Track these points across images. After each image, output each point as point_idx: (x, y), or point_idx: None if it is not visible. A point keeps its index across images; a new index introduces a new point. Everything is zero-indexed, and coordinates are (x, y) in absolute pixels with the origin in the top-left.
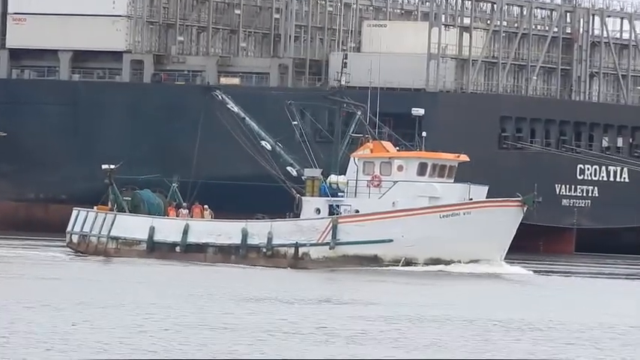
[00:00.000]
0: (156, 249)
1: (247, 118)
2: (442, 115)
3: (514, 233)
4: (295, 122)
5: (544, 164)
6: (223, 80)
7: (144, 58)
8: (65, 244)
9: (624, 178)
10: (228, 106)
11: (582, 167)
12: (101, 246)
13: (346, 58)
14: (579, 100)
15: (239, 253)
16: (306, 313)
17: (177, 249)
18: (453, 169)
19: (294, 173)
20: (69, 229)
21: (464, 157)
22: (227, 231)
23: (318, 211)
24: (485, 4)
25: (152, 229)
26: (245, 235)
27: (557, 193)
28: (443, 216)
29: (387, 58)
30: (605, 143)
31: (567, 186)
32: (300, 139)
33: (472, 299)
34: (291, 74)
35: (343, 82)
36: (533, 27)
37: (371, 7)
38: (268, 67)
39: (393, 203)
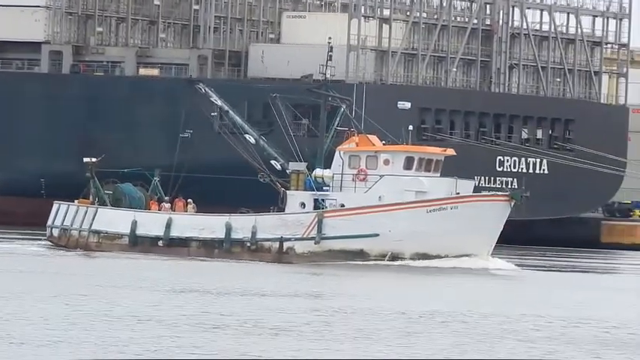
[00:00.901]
0: (138, 243)
1: (231, 111)
2: (362, 106)
3: (501, 228)
4: (213, 113)
5: (463, 156)
6: (142, 71)
7: (63, 48)
8: (45, 237)
9: (544, 170)
10: (211, 99)
11: (502, 159)
12: (82, 240)
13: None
14: (499, 92)
15: (223, 247)
16: (235, 306)
17: (160, 243)
18: (439, 163)
19: (279, 167)
20: (49, 222)
21: (450, 151)
22: (210, 225)
23: (303, 205)
24: None
25: (134, 223)
26: (229, 229)
27: (477, 184)
28: (430, 210)
29: (307, 50)
30: (524, 135)
31: (487, 178)
32: (218, 131)
33: (418, 292)
34: (210, 65)
35: (328, 76)
36: (453, 18)
37: None
38: (188, 58)
39: (380, 197)
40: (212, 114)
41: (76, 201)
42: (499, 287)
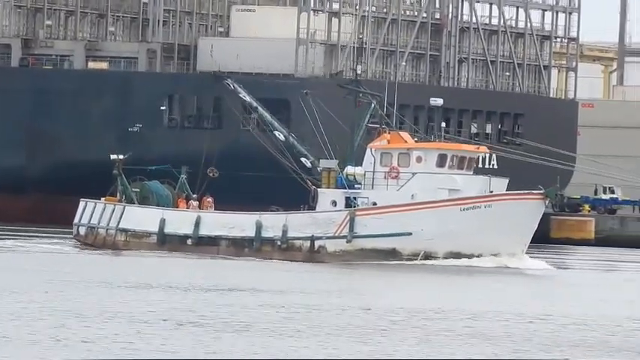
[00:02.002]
0: (167, 241)
1: (260, 108)
2: (311, 100)
3: (536, 227)
4: (163, 107)
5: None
6: (91, 65)
7: (11, 42)
8: (72, 236)
9: (493, 165)
10: (240, 95)
11: None
12: (110, 238)
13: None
14: (448, 86)
15: (253, 246)
16: (177, 300)
17: (189, 241)
18: (472, 160)
19: (308, 164)
20: (76, 220)
21: (483, 149)
22: (240, 223)
23: (334, 203)
24: None
25: (163, 221)
26: (259, 227)
27: None
28: (463, 209)
29: (256, 43)
30: (473, 129)
31: None
32: (168, 125)
33: (393, 289)
34: (159, 59)
35: (359, 72)
36: (402, 12)
37: None
38: (136, 52)
39: (412, 195)
40: (161, 107)
41: (102, 199)
42: (529, 287)
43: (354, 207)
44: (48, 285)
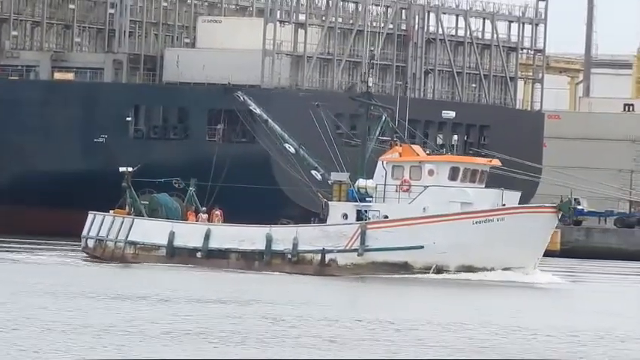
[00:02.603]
0: (176, 254)
1: (270, 120)
2: (277, 111)
3: (548, 240)
4: (129, 118)
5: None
6: (57, 75)
7: None
8: (80, 248)
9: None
10: (250, 107)
11: None
12: (118, 251)
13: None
14: (414, 97)
15: (263, 259)
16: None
17: (199, 254)
18: (484, 173)
19: (319, 177)
20: (84, 233)
21: (496, 162)
22: (250, 236)
23: (345, 216)
24: (320, 0)
25: (172, 234)
26: (269, 240)
27: None
28: (476, 222)
29: (222, 54)
30: (439, 140)
31: None
32: (134, 135)
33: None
34: (125, 70)
35: (370, 84)
36: (369, 23)
37: (206, 3)
38: (103, 63)
39: (424, 209)
40: (127, 118)
41: (111, 211)
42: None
43: (366, 220)
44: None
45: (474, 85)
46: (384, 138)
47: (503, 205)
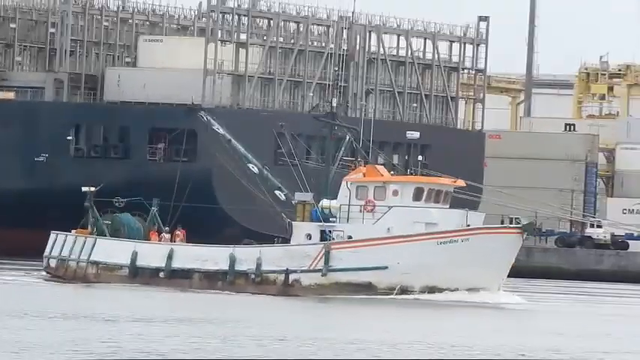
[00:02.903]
0: (139, 274)
1: (233, 140)
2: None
3: (512, 261)
4: (69, 137)
5: (320, 180)
6: None
7: None
8: (42, 268)
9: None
10: (214, 127)
11: None
12: (80, 271)
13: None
14: (355, 117)
15: (226, 280)
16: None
17: (162, 274)
18: (449, 194)
19: (282, 197)
20: (46, 252)
21: (460, 182)
22: (214, 256)
23: (309, 236)
24: (261, 20)
25: (135, 254)
26: (233, 260)
27: None
28: (440, 242)
29: (163, 74)
30: (380, 160)
31: None
32: (74, 154)
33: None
34: (66, 89)
35: (334, 104)
36: (310, 43)
37: (147, 22)
38: (43, 82)
39: (388, 229)
40: (67, 137)
41: (73, 231)
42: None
43: (330, 240)
44: None
45: (415, 105)
46: (348, 158)
47: (468, 225)
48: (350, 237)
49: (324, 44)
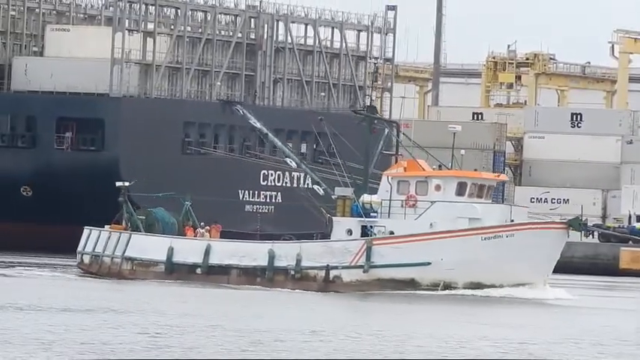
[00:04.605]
0: (175, 270)
1: (270, 135)
2: (125, 120)
3: (558, 257)
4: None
5: (227, 170)
6: None
7: None
8: (76, 264)
9: (308, 184)
10: (250, 121)
11: (266, 173)
12: (115, 267)
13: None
14: (263, 106)
15: (265, 276)
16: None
17: (199, 271)
18: (491, 188)
19: (321, 192)
20: (80, 248)
21: (503, 177)
22: (252, 252)
23: (349, 232)
24: (169, 9)
25: (171, 250)
26: (272, 256)
27: (241, 198)
28: (485, 238)
29: (70, 63)
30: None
31: (251, 192)
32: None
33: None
34: None
35: (374, 99)
36: (217, 32)
37: (54, 12)
38: None
39: (431, 224)
40: None
41: (107, 226)
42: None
43: (371, 236)
44: None
45: (323, 94)
46: (387, 152)
47: (512, 220)
48: (392, 232)
49: (231, 33)
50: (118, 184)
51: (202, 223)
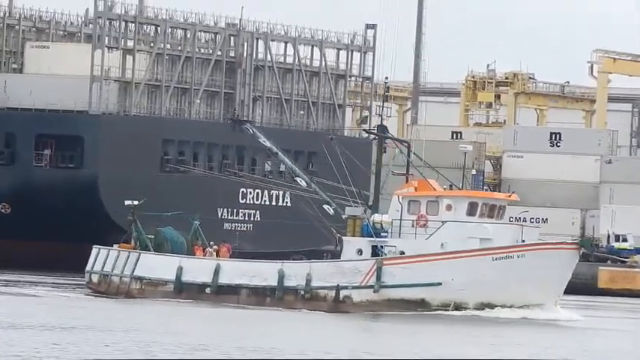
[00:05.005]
0: (184, 290)
1: (280, 154)
2: (105, 137)
3: (569, 277)
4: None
5: (206, 188)
6: None
7: None
8: (85, 283)
9: (286, 202)
10: (260, 140)
11: (244, 191)
12: (123, 286)
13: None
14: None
15: (275, 296)
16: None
17: (208, 290)
18: (503, 208)
19: (331, 211)
20: (88, 267)
21: (514, 197)
22: (262, 272)
23: (360, 252)
24: (148, 26)
25: (180, 269)
26: (282, 276)
27: (220, 216)
28: (496, 258)
29: (50, 80)
30: (267, 167)
31: (229, 210)
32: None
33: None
34: None
35: (384, 117)
36: (197, 50)
37: (34, 29)
38: None
39: (442, 244)
40: None
41: (116, 245)
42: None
43: (382, 256)
44: None
45: (302, 112)
46: (398, 172)
47: (523, 241)
48: (402, 252)
49: (211, 51)
50: (127, 202)
51: (212, 243)
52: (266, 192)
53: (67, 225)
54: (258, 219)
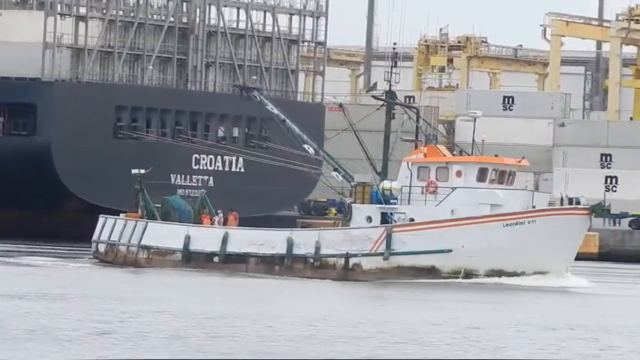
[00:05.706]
0: (192, 259)
1: (287, 121)
2: (57, 104)
3: (580, 243)
4: None
5: (160, 154)
6: None
7: None
8: (91, 253)
9: (240, 168)
10: (267, 107)
11: (198, 157)
12: (131, 256)
13: None
14: (195, 90)
15: (284, 264)
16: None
17: (216, 259)
18: (513, 174)
19: (340, 179)
20: (95, 237)
21: (525, 162)
22: (271, 240)
23: (369, 219)
24: None
25: (188, 238)
26: (291, 244)
27: (173, 182)
28: (506, 224)
29: (2, 47)
30: (221, 133)
31: (183, 176)
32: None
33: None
34: None
35: (394, 84)
36: (150, 16)
37: None
38: None
39: (452, 211)
40: None
41: (122, 214)
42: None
43: (391, 223)
44: None
45: (255, 78)
46: (407, 138)
47: (534, 206)
48: (412, 219)
49: (163, 17)
50: (133, 171)
51: (219, 211)
52: (219, 158)
53: (20, 192)
54: (212, 184)
